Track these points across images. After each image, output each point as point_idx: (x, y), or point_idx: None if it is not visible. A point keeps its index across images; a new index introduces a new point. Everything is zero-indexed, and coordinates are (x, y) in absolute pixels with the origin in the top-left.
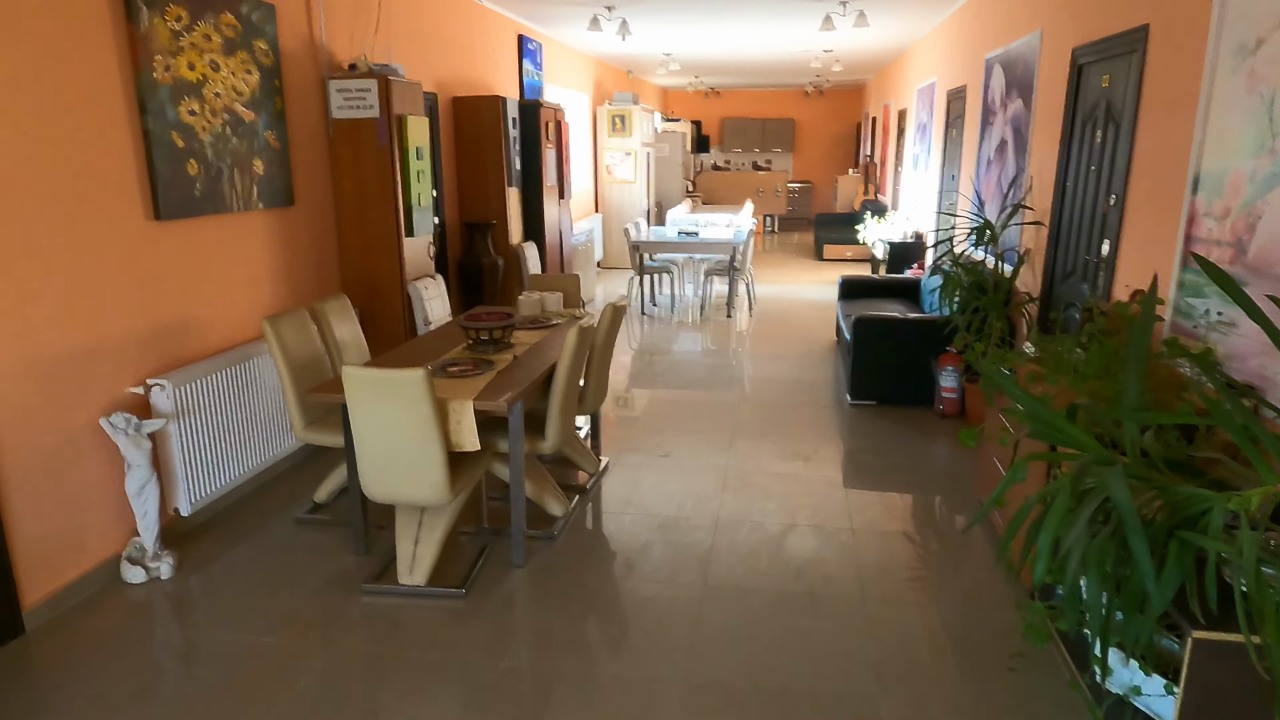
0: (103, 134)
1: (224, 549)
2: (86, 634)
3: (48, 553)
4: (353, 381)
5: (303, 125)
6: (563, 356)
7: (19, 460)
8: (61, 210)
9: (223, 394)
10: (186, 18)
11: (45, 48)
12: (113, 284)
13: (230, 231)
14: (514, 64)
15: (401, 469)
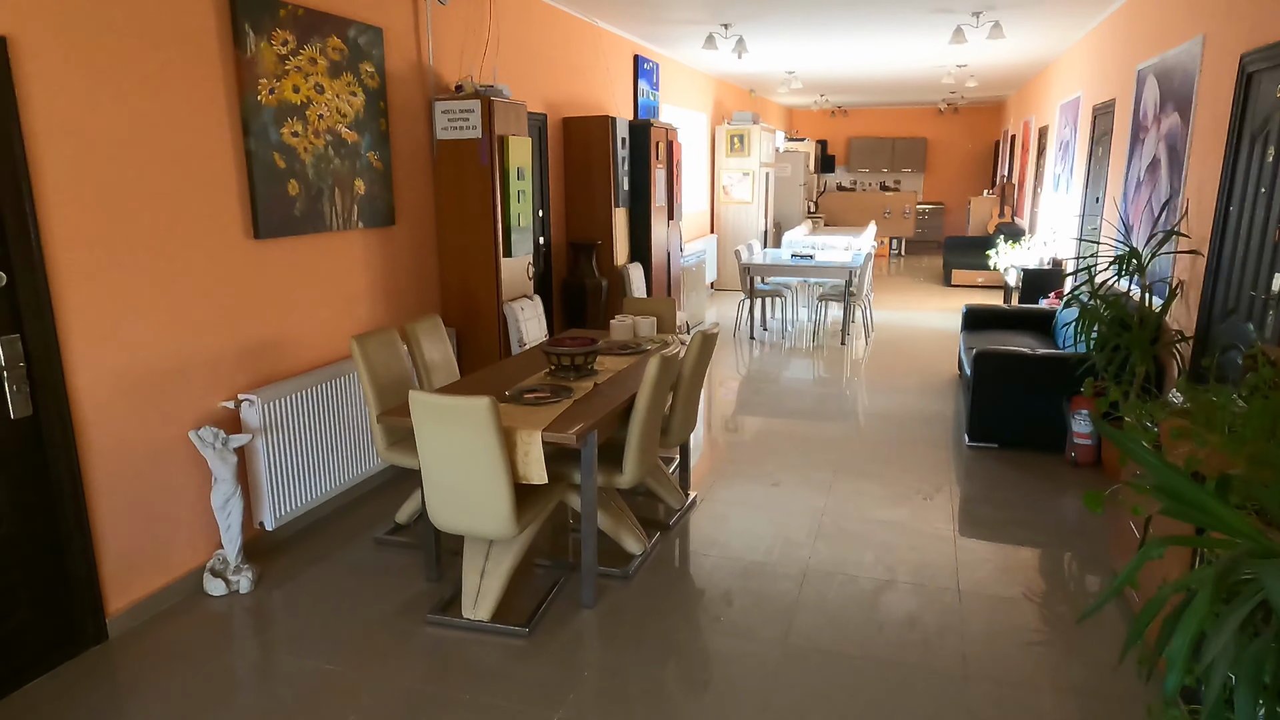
0: (208, 155)
1: (303, 566)
2: (164, 644)
3: (134, 561)
4: (419, 407)
5: (406, 146)
6: (643, 387)
7: (110, 469)
8: (166, 228)
9: (311, 411)
10: (293, 42)
11: (158, 73)
12: (211, 301)
13: (328, 250)
14: (629, 84)
15: (466, 499)
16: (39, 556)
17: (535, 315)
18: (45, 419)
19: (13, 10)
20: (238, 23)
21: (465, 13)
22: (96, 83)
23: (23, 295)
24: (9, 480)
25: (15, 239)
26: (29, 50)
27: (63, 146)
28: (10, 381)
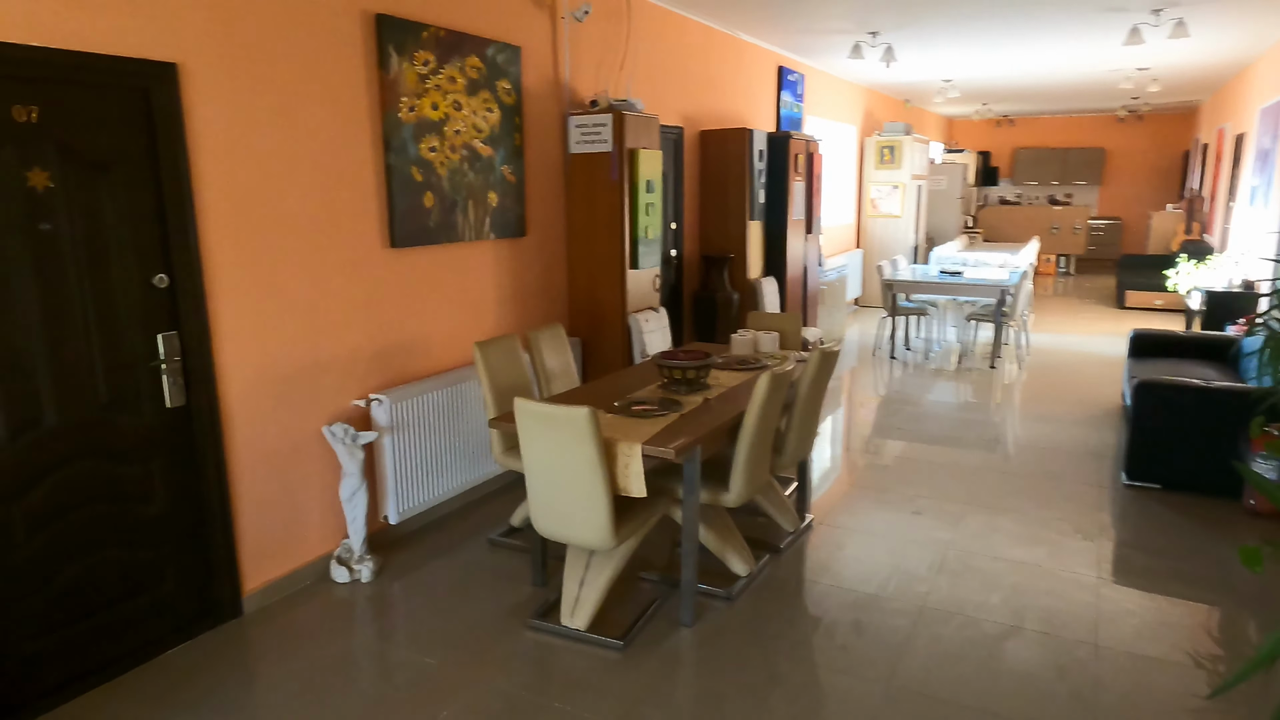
0: (350, 170)
1: (421, 560)
2: (292, 623)
3: (269, 544)
4: (523, 414)
5: (539, 159)
6: (751, 404)
7: (251, 457)
8: (309, 237)
9: (436, 413)
10: (434, 62)
11: (307, 94)
12: (348, 305)
13: (460, 259)
14: (771, 96)
15: (565, 507)
16: (186, 534)
17: (660, 327)
18: (196, 408)
19: (182, 41)
20: (382, 46)
21: (603, 29)
22: (251, 104)
23: (181, 296)
24: (163, 463)
25: (177, 245)
26: (194, 75)
27: (220, 162)
28: (168, 373)
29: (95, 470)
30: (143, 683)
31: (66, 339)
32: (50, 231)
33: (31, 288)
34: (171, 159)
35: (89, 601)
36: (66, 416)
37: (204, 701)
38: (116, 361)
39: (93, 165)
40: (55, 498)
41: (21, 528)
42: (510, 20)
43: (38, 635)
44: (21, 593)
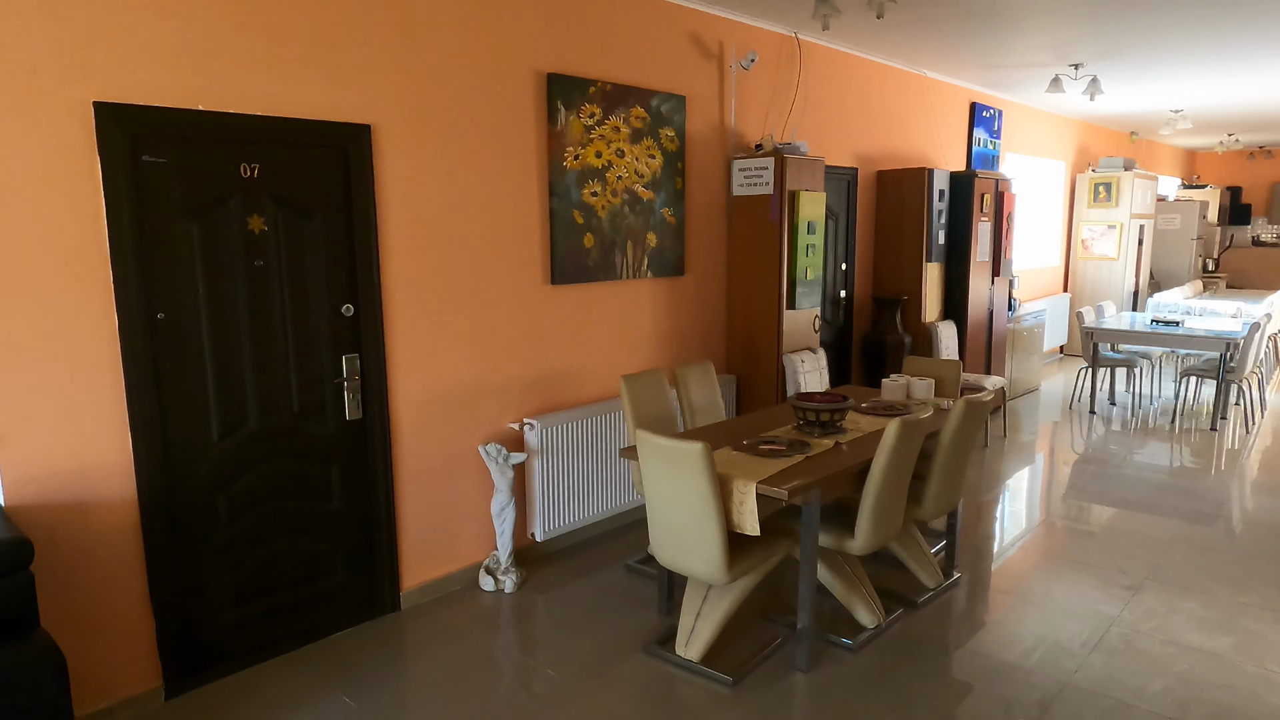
0: (517, 213)
1: (561, 578)
2: (441, 622)
3: (426, 548)
4: (643, 446)
5: (700, 202)
6: (880, 451)
7: (415, 468)
8: (477, 273)
9: (584, 440)
10: (599, 114)
11: (479, 147)
12: (509, 336)
13: (617, 296)
14: (961, 133)
15: (681, 538)
16: (356, 531)
17: (816, 368)
18: (370, 422)
19: (376, 105)
20: (551, 101)
21: (772, 75)
22: (431, 157)
23: (364, 323)
24: (342, 467)
25: (363, 280)
26: (385, 134)
27: (402, 208)
28: (349, 390)
29: (286, 469)
30: (312, 659)
31: (270, 357)
32: (262, 267)
33: (245, 314)
34: (363, 207)
35: (273, 582)
36: (266, 422)
37: (362, 681)
38: (308, 378)
39: (298, 212)
40: (253, 490)
41: (226, 513)
42: (677, 72)
43: (232, 606)
44: (222, 568)
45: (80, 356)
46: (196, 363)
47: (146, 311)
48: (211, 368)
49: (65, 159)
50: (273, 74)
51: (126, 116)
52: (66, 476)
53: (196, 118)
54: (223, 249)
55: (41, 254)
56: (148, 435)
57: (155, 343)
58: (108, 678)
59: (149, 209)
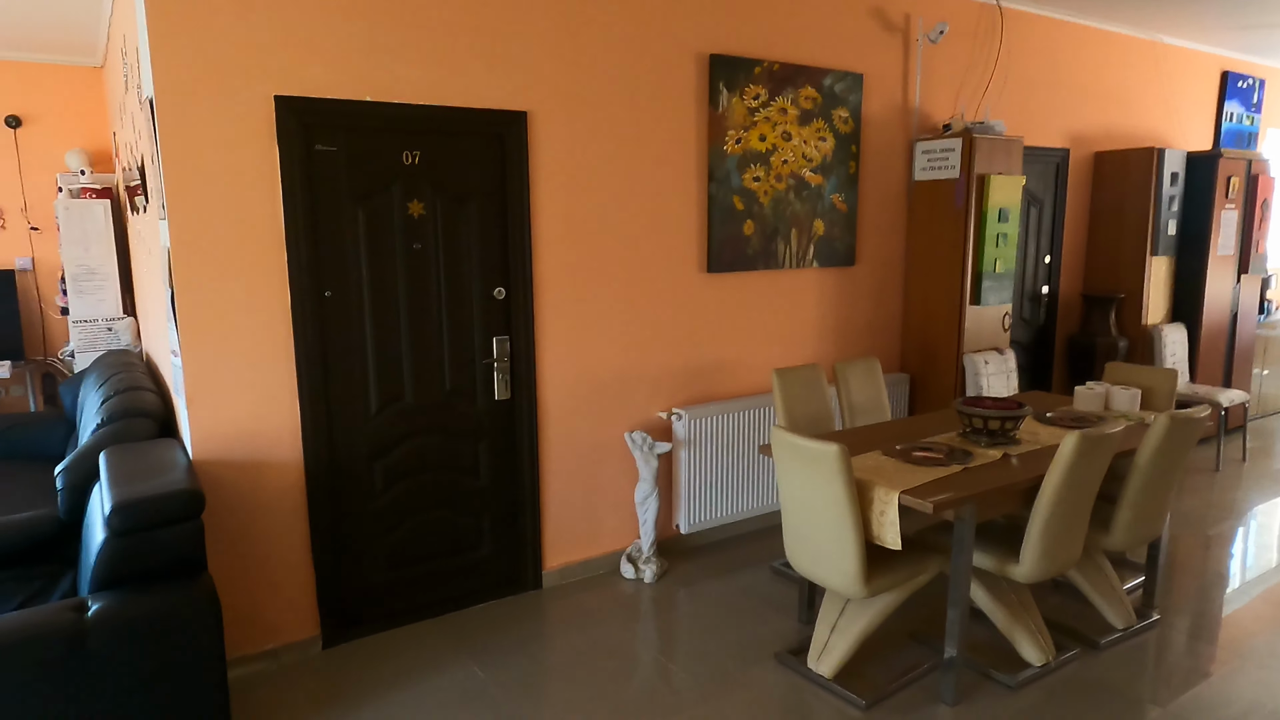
0: (672, 199)
1: (703, 574)
2: (580, 604)
3: (569, 531)
4: (777, 444)
5: (876, 188)
6: (1052, 468)
7: (560, 451)
8: (628, 260)
9: (734, 434)
10: (765, 95)
11: (635, 133)
12: (660, 324)
13: (778, 287)
14: (1209, 107)
15: (814, 546)
16: (503, 508)
17: (1003, 370)
18: (518, 403)
19: (532, 93)
20: (713, 84)
21: (967, 48)
22: (586, 143)
23: (515, 307)
24: (490, 445)
25: (515, 264)
26: (540, 120)
27: (556, 194)
28: (498, 370)
29: (437, 444)
30: (453, 626)
31: (425, 336)
32: (420, 250)
33: (403, 294)
34: (517, 192)
35: (422, 550)
36: (420, 398)
37: (495, 654)
38: (460, 358)
39: (455, 198)
40: (406, 462)
41: (381, 481)
42: (853, 49)
43: (383, 569)
44: (376, 533)
45: (258, 330)
46: (358, 339)
47: (315, 290)
48: (371, 344)
49: (252, 149)
50: (434, 65)
51: (302, 109)
52: (243, 438)
53: (364, 108)
54: (384, 232)
55: (231, 235)
56: (314, 405)
57: (322, 319)
58: (274, 623)
59: (319, 195)
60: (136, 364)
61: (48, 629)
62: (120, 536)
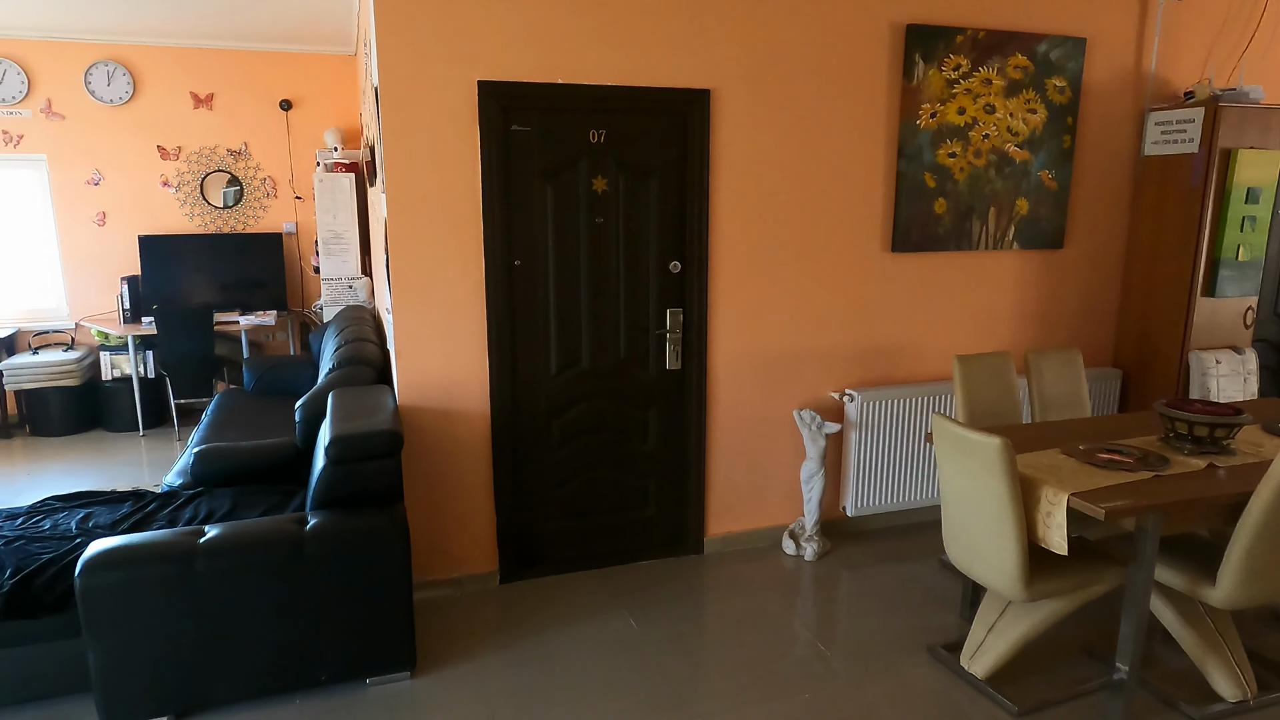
0: (857, 176)
1: (866, 559)
2: (737, 574)
3: (732, 500)
4: (938, 432)
5: (1094, 163)
6: (1264, 483)
7: (727, 422)
8: (808, 236)
9: (909, 420)
10: (966, 65)
11: (819, 109)
12: (837, 303)
13: (970, 269)
14: None
15: (972, 541)
16: (669, 473)
17: (1238, 372)
18: (688, 373)
19: (716, 71)
20: (909, 55)
21: (1223, 2)
22: (768, 119)
23: (689, 281)
24: (660, 412)
25: (692, 239)
26: (722, 98)
27: (735, 170)
28: (671, 341)
29: (609, 408)
30: (614, 578)
31: (603, 305)
32: (602, 224)
33: (584, 265)
34: (697, 169)
35: (591, 504)
36: (595, 363)
37: (650, 609)
38: (635, 326)
39: (637, 174)
40: (581, 421)
41: (557, 437)
42: (1076, 10)
43: (555, 518)
44: (549, 485)
45: (456, 293)
46: (542, 306)
47: (506, 259)
48: (554, 311)
49: (456, 131)
50: (622, 47)
51: (500, 92)
52: (440, 388)
53: (556, 90)
54: (570, 207)
55: (436, 208)
56: (501, 363)
57: (511, 286)
58: (459, 555)
59: (513, 172)
60: (366, 319)
61: (278, 535)
62: (335, 465)
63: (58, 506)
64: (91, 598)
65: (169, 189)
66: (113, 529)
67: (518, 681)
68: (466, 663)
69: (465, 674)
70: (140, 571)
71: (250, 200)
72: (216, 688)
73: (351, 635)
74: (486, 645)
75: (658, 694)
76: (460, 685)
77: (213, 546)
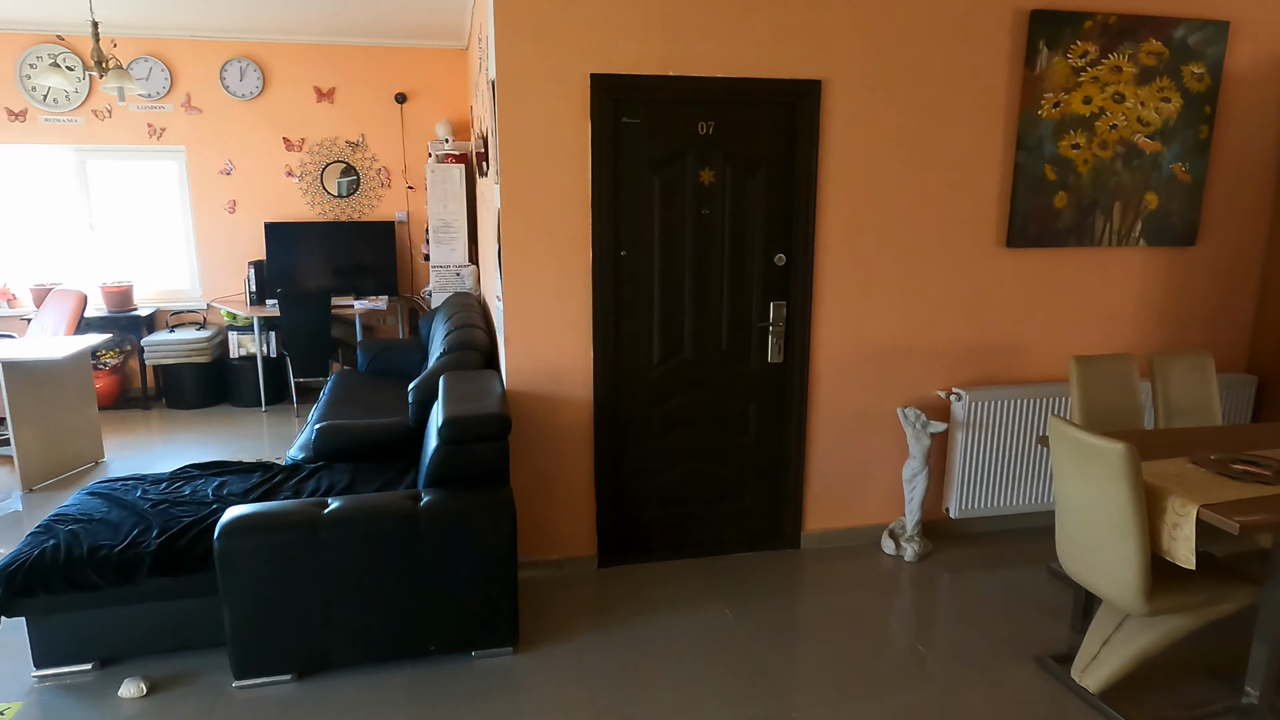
0: (971, 168)
1: (969, 562)
2: (834, 572)
3: (831, 497)
4: (1055, 435)
5: (1234, 155)
6: None
7: (828, 416)
8: (917, 230)
9: (1020, 422)
10: (1094, 52)
11: (934, 99)
12: (946, 299)
13: (1090, 266)
14: None
15: (1089, 550)
16: (768, 466)
17: None
18: (790, 367)
19: (828, 61)
20: (1032, 42)
21: None
22: (880, 110)
23: (794, 274)
24: (760, 404)
25: (798, 231)
26: (834, 89)
27: (844, 162)
28: (773, 334)
29: (709, 399)
30: (711, 568)
31: (706, 297)
32: (707, 216)
33: (689, 256)
34: (805, 160)
35: (689, 494)
36: (698, 355)
37: (746, 600)
38: (737, 318)
39: (744, 166)
40: (681, 412)
41: (658, 426)
42: None
43: (654, 506)
44: (650, 472)
45: (563, 282)
46: (646, 296)
47: (613, 249)
48: (658, 302)
49: (568, 123)
50: (732, 38)
51: (612, 85)
52: (546, 374)
53: (666, 83)
54: (676, 198)
55: (547, 199)
56: (605, 351)
57: (617, 276)
58: (560, 537)
59: (621, 163)
60: (474, 305)
61: (394, 510)
62: (448, 445)
63: (195, 474)
64: (227, 559)
65: (292, 179)
66: (244, 497)
67: (615, 663)
68: (566, 642)
69: (565, 653)
70: (271, 537)
71: (366, 190)
72: (334, 651)
73: (459, 609)
74: (585, 626)
75: (752, 684)
76: (560, 663)
77: (336, 517)
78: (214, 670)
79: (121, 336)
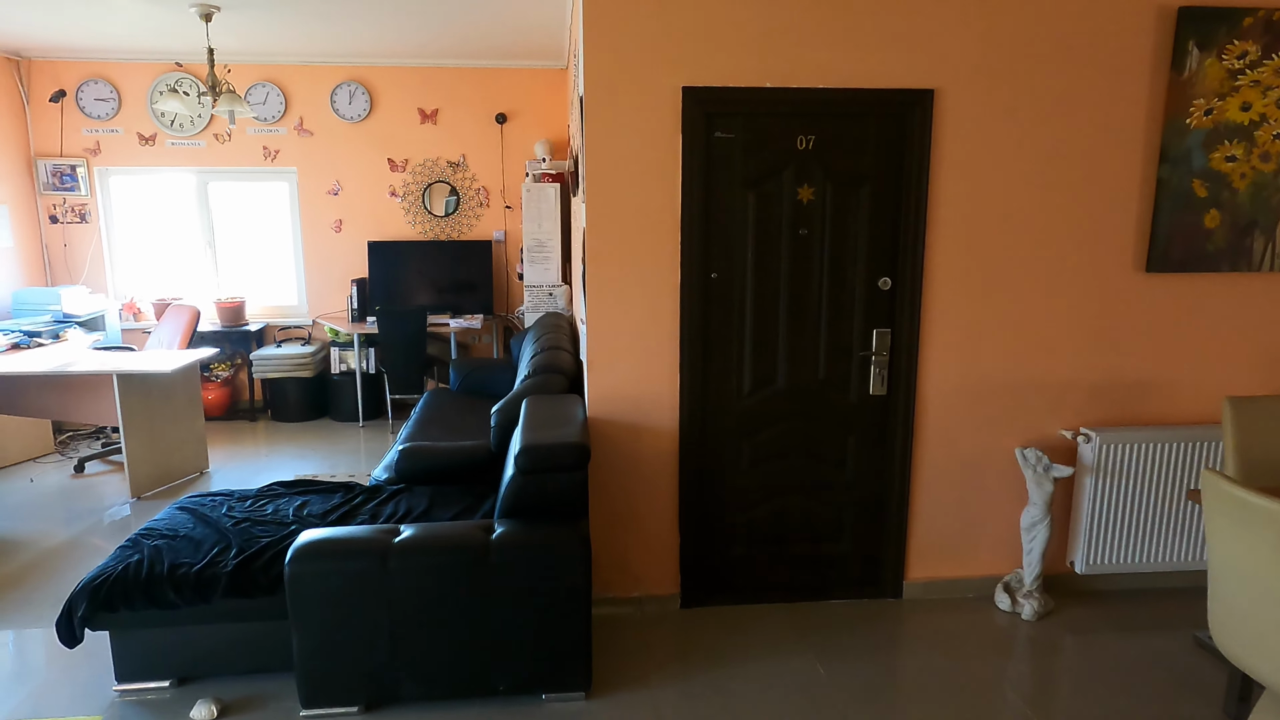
0: (1104, 185)
1: (1097, 625)
2: (940, 626)
3: (938, 544)
4: (1212, 493)
5: None
6: None
7: (935, 457)
8: (1040, 254)
9: (1162, 468)
10: (1255, 53)
11: (1062, 108)
12: (1073, 329)
13: (1249, 294)
14: None
15: (1252, 628)
16: (867, 506)
17: None
18: (895, 400)
19: (941, 69)
20: (1179, 43)
21: None
22: (998, 121)
23: (900, 299)
24: (860, 440)
25: (905, 253)
26: (947, 99)
27: (958, 178)
28: (876, 364)
29: (805, 431)
30: (802, 616)
31: (803, 322)
32: (805, 236)
33: (785, 279)
34: (915, 176)
35: (780, 533)
36: (792, 384)
37: (841, 656)
38: (836, 346)
39: (847, 182)
40: (773, 444)
41: (747, 460)
42: None
43: (742, 544)
44: (738, 508)
45: (650, 305)
46: (738, 321)
47: (703, 271)
48: (750, 327)
49: (658, 139)
50: (835, 46)
51: (705, 98)
52: (629, 401)
53: (763, 95)
54: (772, 217)
55: (635, 218)
56: (692, 379)
57: (707, 299)
58: (640, 574)
59: (714, 180)
60: (564, 326)
61: (465, 540)
62: (523, 475)
63: (280, 492)
64: (297, 584)
65: (395, 198)
66: (323, 519)
67: (693, 715)
68: (643, 689)
69: (640, 701)
70: (340, 564)
71: (465, 209)
72: (402, 686)
73: (530, 648)
74: (664, 673)
75: None
76: (634, 712)
77: (406, 546)
78: (285, 695)
79: (232, 350)
